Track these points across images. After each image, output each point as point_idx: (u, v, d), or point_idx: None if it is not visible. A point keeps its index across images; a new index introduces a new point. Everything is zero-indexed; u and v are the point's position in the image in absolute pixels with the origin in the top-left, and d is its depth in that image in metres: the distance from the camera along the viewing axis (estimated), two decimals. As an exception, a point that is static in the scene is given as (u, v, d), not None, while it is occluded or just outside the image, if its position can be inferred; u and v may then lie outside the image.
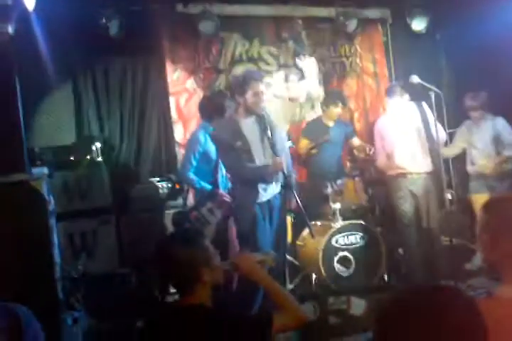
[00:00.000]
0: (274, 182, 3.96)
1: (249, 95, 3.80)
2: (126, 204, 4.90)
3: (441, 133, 4.65)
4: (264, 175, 3.88)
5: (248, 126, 3.90)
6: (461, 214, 5.45)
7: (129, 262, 4.45)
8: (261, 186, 3.93)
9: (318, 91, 6.15)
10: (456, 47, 5.78)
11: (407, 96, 4.88)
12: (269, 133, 3.83)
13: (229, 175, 4.33)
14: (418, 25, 6.16)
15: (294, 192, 3.79)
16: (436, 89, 4.55)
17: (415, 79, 4.62)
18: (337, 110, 5.40)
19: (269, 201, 3.98)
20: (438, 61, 6.09)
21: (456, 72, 6.13)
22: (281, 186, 3.90)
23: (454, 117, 5.16)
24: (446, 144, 5.02)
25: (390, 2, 6.22)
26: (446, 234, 4.81)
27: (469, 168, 5.25)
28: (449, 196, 4.98)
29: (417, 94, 4.95)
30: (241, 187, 4.04)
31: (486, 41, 5.34)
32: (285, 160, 3.98)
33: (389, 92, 5.04)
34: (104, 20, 5.04)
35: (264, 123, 3.86)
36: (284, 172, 3.80)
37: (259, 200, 3.93)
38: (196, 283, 2.06)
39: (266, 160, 3.91)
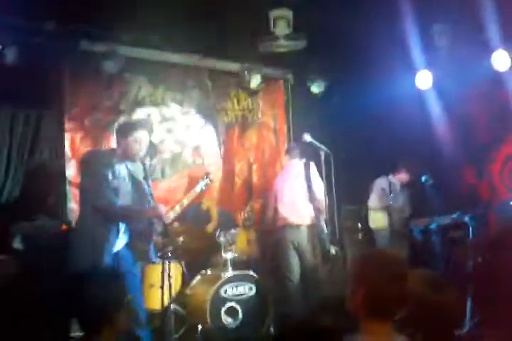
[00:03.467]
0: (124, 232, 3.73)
1: (130, 140, 3.71)
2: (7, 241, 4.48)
3: (322, 191, 4.85)
4: (133, 218, 3.71)
5: (121, 168, 3.75)
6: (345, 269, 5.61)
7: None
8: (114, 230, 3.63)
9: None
10: (349, 111, 6.16)
11: (304, 160, 5.14)
12: (149, 181, 3.87)
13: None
14: (316, 88, 6.56)
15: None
16: (326, 149, 4.73)
17: (307, 137, 4.81)
18: None
19: (117, 253, 3.68)
20: (332, 123, 6.44)
21: (347, 134, 6.49)
22: (160, 234, 3.82)
23: (341, 176, 5.38)
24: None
25: (291, 64, 6.54)
26: (329, 289, 4.89)
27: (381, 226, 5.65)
28: (333, 251, 5.11)
29: (309, 152, 5.14)
30: (92, 226, 3.60)
31: (376, 108, 5.80)
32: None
33: (288, 153, 5.32)
34: (0, 46, 4.81)
35: (145, 171, 3.87)
36: (163, 221, 3.75)
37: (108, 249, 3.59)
38: (107, 327, 1.98)
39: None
